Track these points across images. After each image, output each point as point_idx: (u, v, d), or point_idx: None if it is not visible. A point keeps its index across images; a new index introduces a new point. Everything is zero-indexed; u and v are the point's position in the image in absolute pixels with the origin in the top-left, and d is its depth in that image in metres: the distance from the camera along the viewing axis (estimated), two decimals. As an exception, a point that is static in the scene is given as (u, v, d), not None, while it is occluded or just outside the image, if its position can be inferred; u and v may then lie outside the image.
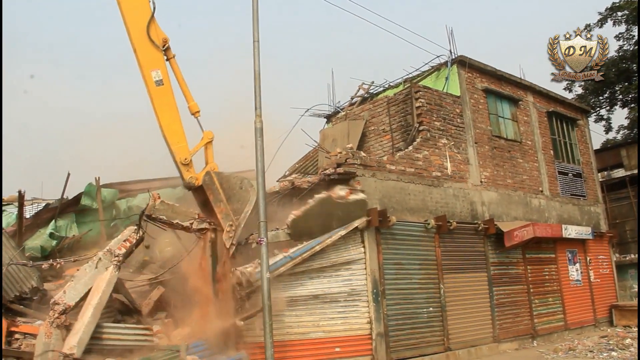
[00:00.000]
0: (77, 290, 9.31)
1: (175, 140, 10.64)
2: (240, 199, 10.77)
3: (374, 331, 11.26)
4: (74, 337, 8.62)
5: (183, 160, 10.54)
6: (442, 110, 14.33)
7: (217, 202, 10.54)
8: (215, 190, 10.58)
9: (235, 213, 10.57)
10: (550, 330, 15.70)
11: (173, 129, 10.68)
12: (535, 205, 16.48)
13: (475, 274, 13.97)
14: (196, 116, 11.29)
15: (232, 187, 10.77)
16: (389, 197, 12.32)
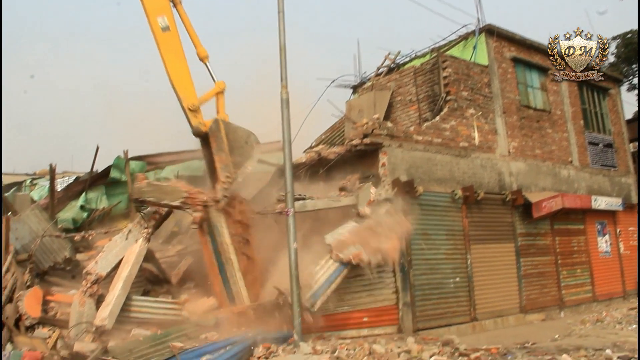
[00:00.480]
0: (108, 261, 9.52)
1: (183, 87, 10.53)
2: (243, 153, 10.63)
3: (400, 301, 11.32)
4: (105, 310, 8.83)
5: (190, 106, 10.42)
6: (469, 80, 14.14)
7: (219, 151, 10.37)
8: (220, 139, 10.39)
9: (235, 166, 10.41)
10: (578, 301, 15.60)
11: (180, 75, 10.57)
12: (564, 176, 16.26)
13: (502, 244, 13.90)
14: (205, 61, 11.18)
15: (238, 139, 10.65)
16: (415, 168, 12.27)
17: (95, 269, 9.22)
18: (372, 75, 17.23)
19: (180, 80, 10.58)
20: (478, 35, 15.15)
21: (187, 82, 10.63)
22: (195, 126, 10.56)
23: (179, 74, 10.59)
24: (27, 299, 9.25)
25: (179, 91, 10.54)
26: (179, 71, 10.60)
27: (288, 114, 9.83)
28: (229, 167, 10.35)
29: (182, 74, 10.63)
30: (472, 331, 12.37)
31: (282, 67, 9.97)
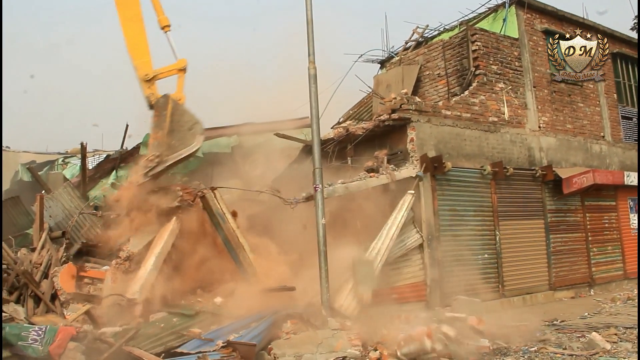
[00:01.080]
0: (141, 239, 9.63)
1: (139, 55, 10.27)
2: (182, 139, 10.23)
3: (428, 277, 11.32)
4: (136, 284, 8.97)
5: (144, 77, 10.11)
6: (499, 53, 13.88)
7: (157, 127, 10.07)
8: (163, 116, 10.08)
9: (169, 149, 10.07)
10: (608, 279, 15.39)
11: (137, 42, 10.26)
12: (596, 151, 15.95)
13: (531, 221, 13.75)
14: (165, 30, 10.81)
15: (182, 124, 10.29)
16: (444, 143, 12.15)
17: (127, 246, 9.37)
18: (400, 49, 17.03)
19: (135, 48, 10.24)
20: (508, 7, 14.83)
21: (143, 52, 10.31)
22: (146, 96, 10.29)
23: (135, 42, 10.24)
24: (62, 275, 9.46)
25: (134, 59, 10.26)
26: (135, 39, 10.24)
27: (316, 90, 9.78)
28: (161, 146, 9.99)
29: (139, 42, 10.26)
30: (500, 308, 12.31)
31: (309, 41, 9.90)
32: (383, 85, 15.24)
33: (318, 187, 9.46)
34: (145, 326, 8.12)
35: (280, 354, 7.68)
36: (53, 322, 7.93)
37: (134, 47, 10.29)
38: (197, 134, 10.31)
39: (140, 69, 10.30)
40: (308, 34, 9.91)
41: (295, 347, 7.86)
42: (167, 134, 10.10)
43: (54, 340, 7.11)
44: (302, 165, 12.73)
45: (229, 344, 7.43)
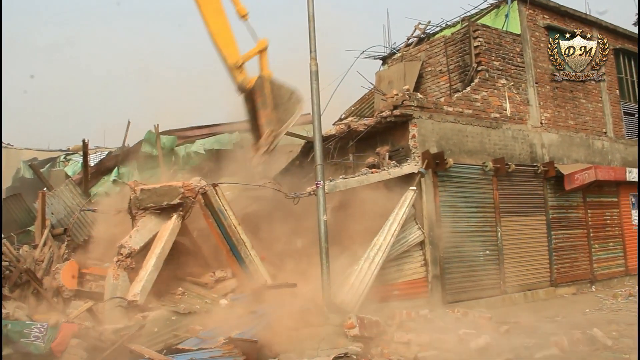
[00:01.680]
0: (142, 236, 9.59)
1: (225, 44, 10.63)
2: (286, 109, 10.75)
3: (429, 273, 11.34)
4: (137, 285, 8.93)
5: (234, 64, 10.52)
6: (501, 49, 13.85)
7: (264, 106, 10.49)
8: (264, 95, 10.52)
9: (279, 122, 10.54)
10: (610, 275, 15.39)
11: (223, 34, 10.66)
12: (598, 147, 15.92)
13: (533, 217, 13.74)
14: (244, 19, 11.17)
15: (282, 96, 10.78)
16: (446, 139, 12.14)
17: (128, 243, 9.34)
18: (402, 45, 17.00)
19: (222, 37, 10.65)
20: (510, 3, 14.80)
21: (229, 40, 10.72)
22: (240, 82, 10.68)
23: (221, 32, 10.66)
24: (64, 271, 9.47)
25: (222, 48, 10.64)
26: (220, 29, 10.67)
27: (317, 86, 9.76)
28: (272, 121, 10.53)
29: (224, 31, 10.70)
30: (501, 304, 12.33)
31: (310, 38, 9.87)
32: (385, 81, 15.24)
33: (320, 184, 9.46)
34: (145, 324, 8.11)
35: (282, 350, 7.69)
36: (55, 319, 7.95)
37: (220, 38, 10.75)
38: (297, 102, 10.91)
39: (230, 57, 10.72)
40: (310, 31, 9.88)
41: (296, 343, 7.87)
42: (273, 109, 10.61)
43: (55, 337, 7.12)
44: (303, 162, 12.75)
45: (231, 341, 7.44)
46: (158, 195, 9.71)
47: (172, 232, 9.56)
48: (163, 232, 9.56)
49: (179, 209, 9.68)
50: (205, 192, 9.80)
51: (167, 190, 9.74)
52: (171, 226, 9.58)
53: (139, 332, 7.78)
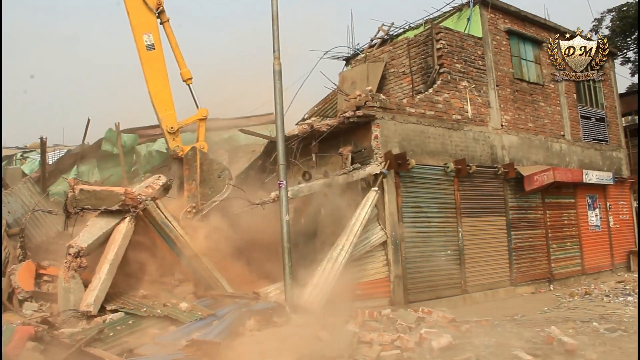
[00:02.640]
0: (92, 234, 9.23)
1: (163, 108, 10.67)
2: (214, 186, 10.60)
3: (392, 273, 11.40)
4: (90, 295, 8.62)
5: (169, 129, 10.56)
6: (463, 52, 14.04)
7: (190, 179, 10.43)
8: (193, 167, 10.46)
9: (203, 197, 10.41)
10: (567, 274, 15.76)
11: (161, 96, 10.67)
12: (556, 149, 16.28)
13: (493, 217, 13.98)
14: (188, 83, 11.27)
15: (212, 172, 10.65)
16: (408, 140, 12.24)
17: (76, 242, 9.00)
18: (365, 47, 17.07)
19: (160, 101, 10.65)
20: (472, 7, 15.01)
21: (167, 104, 10.73)
22: (172, 149, 10.66)
23: (160, 96, 10.67)
24: (20, 272, 9.20)
25: (159, 112, 10.68)
26: (160, 93, 10.67)
27: (280, 86, 9.74)
28: (196, 197, 10.37)
29: (163, 95, 10.71)
30: (462, 304, 12.50)
31: (274, 38, 9.84)
32: (348, 82, 15.28)
33: (282, 184, 9.43)
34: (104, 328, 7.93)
35: (245, 351, 7.63)
36: (10, 322, 7.72)
37: (159, 100, 10.72)
38: (226, 180, 10.70)
39: (165, 121, 10.72)
40: (273, 30, 9.85)
41: (259, 344, 7.81)
42: (200, 184, 10.44)
43: (10, 340, 6.91)
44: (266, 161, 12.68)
45: (193, 343, 7.34)
46: (97, 199, 9.41)
47: (126, 236, 9.25)
48: (116, 235, 9.23)
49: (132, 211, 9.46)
50: (146, 208, 9.61)
51: (107, 195, 9.45)
52: (124, 230, 9.25)
53: (97, 336, 7.61)
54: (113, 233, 9.32)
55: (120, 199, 9.38)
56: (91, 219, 9.56)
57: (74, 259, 8.88)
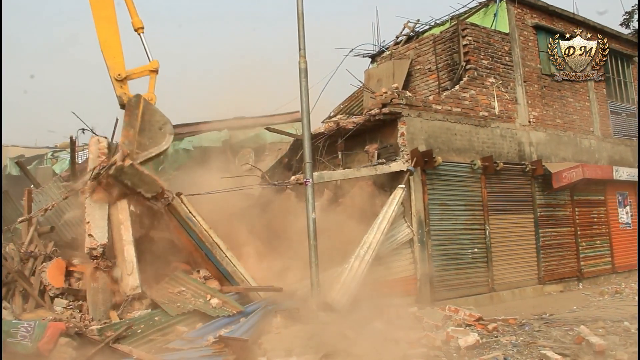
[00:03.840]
0: (99, 226, 9.33)
1: (112, 55, 10.47)
2: (153, 137, 10.35)
3: (418, 271, 11.36)
4: (131, 278, 8.84)
5: (116, 76, 10.40)
6: (490, 48, 13.90)
7: (128, 126, 10.12)
8: (134, 115, 10.18)
9: (140, 147, 10.14)
10: (597, 273, 15.51)
11: (110, 43, 10.52)
12: (585, 146, 16.03)
13: (521, 215, 13.82)
14: (139, 32, 11.09)
15: (153, 123, 10.42)
16: (434, 138, 12.17)
17: (95, 242, 9.12)
18: (391, 44, 17.00)
19: (109, 48, 10.52)
20: (499, 2, 14.85)
21: (115, 52, 10.54)
22: (118, 95, 10.48)
23: (108, 42, 10.53)
24: (50, 270, 9.37)
25: (107, 59, 10.47)
26: (109, 40, 10.53)
27: (306, 84, 9.75)
28: (132, 145, 10.01)
29: (112, 41, 10.55)
30: (489, 302, 12.39)
31: (299, 36, 9.85)
32: (374, 79, 15.24)
33: (308, 181, 9.45)
34: (132, 323, 8.06)
35: (271, 348, 7.68)
36: (42, 318, 7.88)
37: (107, 47, 10.53)
38: (167, 134, 10.44)
39: (113, 68, 10.49)
40: (299, 29, 9.86)
41: (285, 341, 7.86)
42: (139, 132, 10.17)
43: (43, 336, 7.05)
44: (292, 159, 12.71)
45: (221, 339, 7.42)
46: (140, 180, 9.49)
47: (123, 210, 9.43)
48: (117, 215, 9.36)
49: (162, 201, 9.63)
50: (170, 203, 9.72)
51: (150, 181, 9.58)
52: (122, 208, 9.42)
53: (125, 332, 7.74)
54: (113, 217, 9.44)
55: (157, 190, 9.55)
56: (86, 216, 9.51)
57: (103, 259, 9.05)
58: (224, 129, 15.57)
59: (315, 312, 8.98)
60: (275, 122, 15.48)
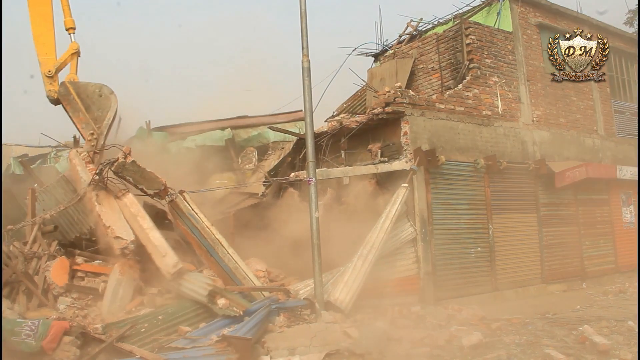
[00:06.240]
0: (122, 226, 9.47)
1: (44, 52, 10.71)
2: (100, 106, 10.56)
3: (421, 270, 11.35)
4: (168, 258, 8.96)
5: (47, 73, 10.65)
6: (493, 47, 13.87)
7: (75, 112, 10.39)
8: (72, 100, 10.41)
9: (96, 121, 10.35)
10: (600, 272, 15.46)
11: (43, 40, 10.78)
12: (588, 145, 15.99)
13: (524, 214, 13.78)
14: (69, 32, 11.24)
15: (91, 95, 10.61)
16: (437, 137, 12.15)
17: (124, 241, 9.22)
18: (394, 43, 16.98)
19: (42, 45, 10.80)
20: (502, 1, 14.82)
21: (48, 48, 10.77)
22: (47, 92, 10.69)
23: (42, 38, 10.80)
24: (54, 268, 9.40)
25: (39, 55, 10.70)
26: (42, 36, 10.81)
27: (309, 83, 9.76)
28: (90, 124, 10.33)
29: (45, 39, 10.83)
30: (493, 301, 12.36)
31: (302, 34, 9.86)
32: (377, 78, 15.24)
33: (311, 181, 9.45)
34: (136, 322, 8.07)
35: (274, 347, 7.70)
36: (46, 316, 7.89)
37: (40, 44, 10.84)
38: (109, 95, 10.63)
39: (45, 64, 10.73)
40: (302, 27, 9.87)
41: (288, 340, 7.88)
42: (86, 111, 10.42)
43: (47, 334, 7.07)
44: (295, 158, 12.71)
45: (224, 338, 7.43)
46: (141, 177, 9.58)
47: (134, 203, 9.65)
48: (129, 210, 9.53)
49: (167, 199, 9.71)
50: (173, 200, 9.78)
51: (151, 178, 9.63)
52: (127, 202, 9.62)
53: (128, 332, 7.76)
54: (125, 211, 9.53)
55: (159, 187, 9.61)
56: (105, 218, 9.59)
57: (133, 255, 9.11)
58: (227, 128, 15.58)
59: (318, 311, 8.99)
60: (279, 121, 15.50)
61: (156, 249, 9.09)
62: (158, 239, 9.18)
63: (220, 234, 10.06)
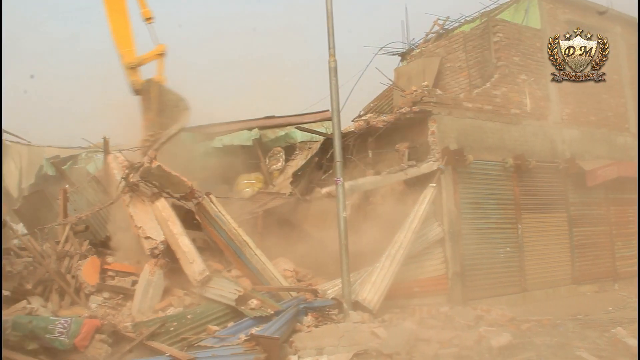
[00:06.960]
0: (153, 227, 9.63)
1: (124, 44, 10.94)
2: (171, 116, 10.72)
3: (449, 270, 11.28)
4: (196, 265, 9.13)
5: (128, 64, 10.79)
6: (521, 44, 13.70)
7: (147, 110, 10.65)
8: (150, 99, 10.65)
9: (161, 127, 10.52)
10: (633, 273, 15.10)
11: (122, 33, 11.01)
12: (620, 143, 15.70)
13: (554, 214, 13.59)
14: (148, 22, 11.47)
15: (168, 102, 10.82)
16: (465, 136, 12.05)
17: (155, 242, 9.36)
18: (421, 42, 16.90)
19: (121, 38, 11.01)
20: (530, -2, 14.63)
21: (127, 41, 11.05)
22: (130, 83, 10.95)
23: (120, 33, 11.00)
24: (85, 268, 9.58)
25: (119, 48, 10.94)
26: (120, 30, 11.03)
27: (336, 83, 9.77)
28: (154, 126, 10.54)
29: (123, 32, 11.02)
30: (522, 302, 12.23)
31: (329, 35, 9.88)
32: (404, 77, 15.16)
33: (339, 181, 9.46)
34: (165, 321, 8.18)
35: (302, 347, 7.72)
36: (78, 315, 8.05)
37: (119, 37, 11.08)
38: (183, 110, 10.80)
39: (125, 57, 11.03)
40: (328, 28, 9.89)
41: (316, 340, 7.90)
42: (157, 114, 10.65)
43: (79, 332, 7.21)
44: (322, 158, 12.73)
45: (252, 338, 7.48)
46: (167, 181, 9.77)
47: (165, 207, 9.80)
48: (160, 213, 9.70)
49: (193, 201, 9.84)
50: (199, 202, 9.89)
51: (177, 182, 9.80)
52: (165, 207, 9.77)
53: (158, 330, 7.87)
54: (156, 214, 9.68)
55: (185, 191, 9.75)
56: (133, 212, 9.74)
57: (163, 256, 9.26)
58: (255, 128, 15.68)
59: (346, 311, 9.00)
60: (306, 121, 15.54)
61: (185, 255, 9.21)
62: (187, 245, 9.29)
63: (247, 235, 10.15)
